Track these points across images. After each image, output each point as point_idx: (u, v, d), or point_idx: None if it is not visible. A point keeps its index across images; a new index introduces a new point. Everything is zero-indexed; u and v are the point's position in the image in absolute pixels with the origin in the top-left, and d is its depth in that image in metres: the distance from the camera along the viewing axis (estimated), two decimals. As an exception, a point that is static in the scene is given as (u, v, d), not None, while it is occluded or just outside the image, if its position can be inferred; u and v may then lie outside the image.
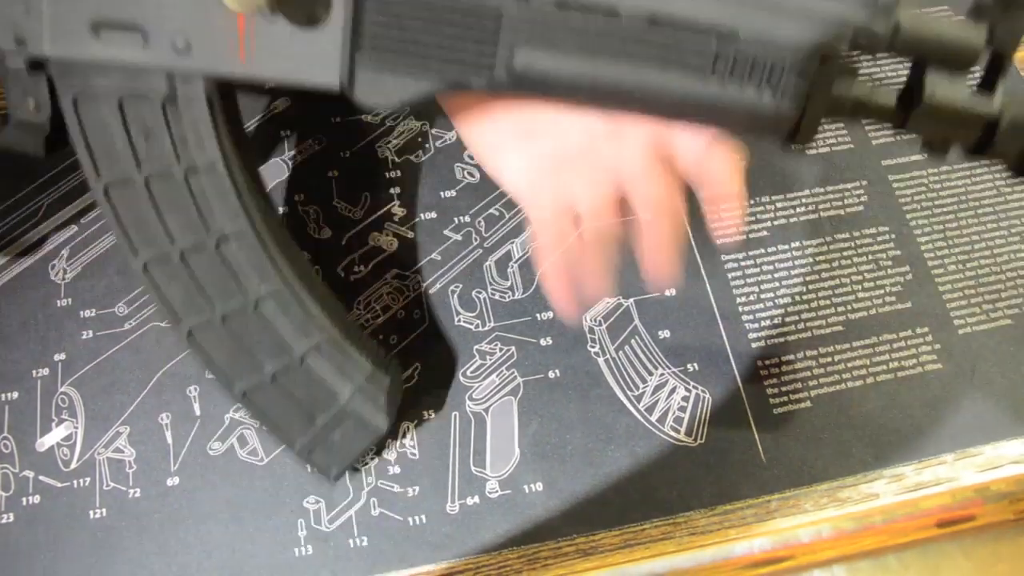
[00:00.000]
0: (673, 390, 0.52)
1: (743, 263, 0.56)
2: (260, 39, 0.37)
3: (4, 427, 0.50)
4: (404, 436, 0.50)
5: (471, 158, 0.59)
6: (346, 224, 0.56)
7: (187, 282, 0.42)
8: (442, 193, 0.58)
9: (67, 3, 0.38)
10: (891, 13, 0.34)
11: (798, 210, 0.57)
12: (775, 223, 0.57)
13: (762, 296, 0.55)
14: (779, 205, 0.58)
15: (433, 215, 0.57)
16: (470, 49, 0.37)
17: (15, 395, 0.50)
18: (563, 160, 0.42)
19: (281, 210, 0.56)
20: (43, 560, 0.47)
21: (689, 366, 0.52)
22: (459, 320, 0.53)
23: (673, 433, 0.51)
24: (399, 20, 0.36)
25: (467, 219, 0.57)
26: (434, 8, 0.36)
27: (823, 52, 0.34)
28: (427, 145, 0.59)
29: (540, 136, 0.42)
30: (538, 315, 0.53)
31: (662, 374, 0.52)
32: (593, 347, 0.53)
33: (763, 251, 0.56)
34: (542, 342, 0.53)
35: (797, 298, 0.55)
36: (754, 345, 0.53)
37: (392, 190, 0.57)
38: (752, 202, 0.58)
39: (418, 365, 0.52)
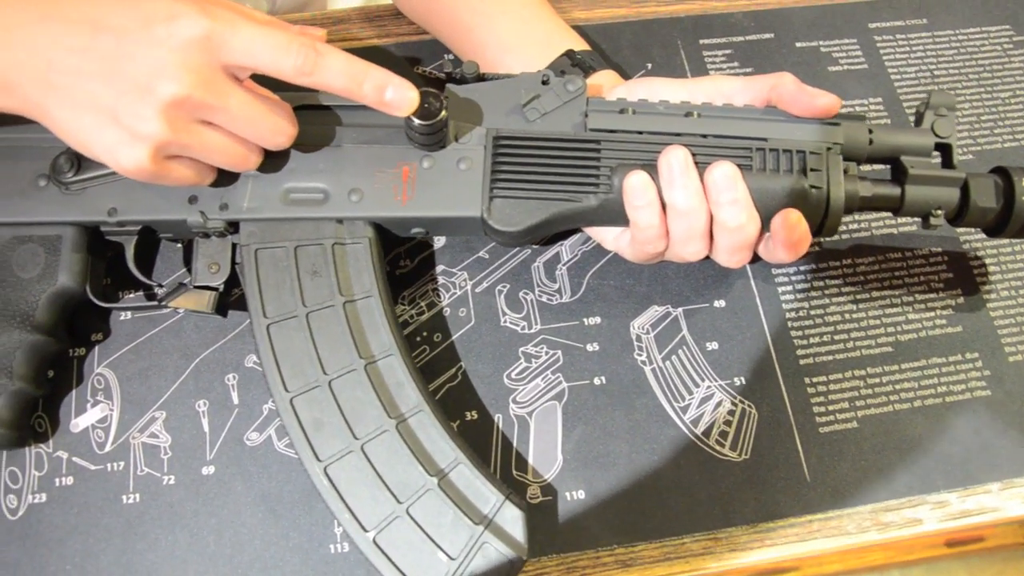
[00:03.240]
0: (719, 403, 0.51)
1: (793, 277, 0.55)
2: (418, 184, 0.46)
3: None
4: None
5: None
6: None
7: (333, 411, 0.44)
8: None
9: (267, 177, 0.47)
10: (865, 123, 0.47)
11: (851, 226, 0.56)
12: (827, 238, 0.56)
13: (812, 312, 0.54)
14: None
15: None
16: (579, 175, 0.46)
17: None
18: None
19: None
20: (74, 543, 0.46)
21: (736, 379, 0.51)
22: (505, 321, 0.52)
23: (718, 447, 0.50)
24: (524, 160, 0.47)
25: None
26: (549, 148, 0.47)
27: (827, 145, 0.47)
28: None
29: None
30: (586, 320, 0.52)
31: (709, 386, 0.51)
32: (640, 355, 0.52)
33: (814, 266, 0.55)
34: (589, 348, 0.52)
35: (847, 316, 0.54)
36: (802, 362, 0.52)
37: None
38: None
39: (462, 365, 0.51)
